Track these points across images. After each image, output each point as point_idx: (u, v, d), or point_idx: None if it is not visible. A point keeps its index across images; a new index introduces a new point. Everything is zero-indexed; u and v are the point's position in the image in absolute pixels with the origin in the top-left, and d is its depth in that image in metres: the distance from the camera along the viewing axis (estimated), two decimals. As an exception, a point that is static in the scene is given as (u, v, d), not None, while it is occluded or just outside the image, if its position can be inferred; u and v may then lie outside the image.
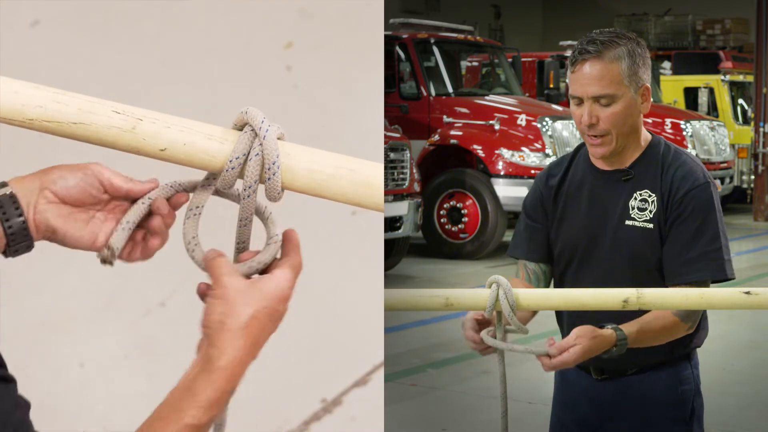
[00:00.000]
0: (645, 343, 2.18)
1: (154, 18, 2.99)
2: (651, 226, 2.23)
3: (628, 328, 2.13)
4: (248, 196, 1.38)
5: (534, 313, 2.33)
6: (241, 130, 1.38)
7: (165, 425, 1.26)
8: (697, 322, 2.24)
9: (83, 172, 1.36)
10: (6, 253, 1.33)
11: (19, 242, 1.32)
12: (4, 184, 1.34)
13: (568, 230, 2.34)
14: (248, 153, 1.36)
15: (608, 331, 2.10)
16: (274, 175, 1.35)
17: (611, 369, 2.35)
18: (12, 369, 1.24)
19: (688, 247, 2.20)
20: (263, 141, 1.35)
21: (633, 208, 2.25)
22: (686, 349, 2.33)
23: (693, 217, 2.20)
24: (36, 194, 1.34)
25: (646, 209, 2.24)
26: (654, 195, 2.24)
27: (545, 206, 2.38)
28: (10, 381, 1.20)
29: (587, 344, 2.06)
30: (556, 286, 2.39)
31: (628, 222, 2.25)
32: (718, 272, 2.20)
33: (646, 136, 2.31)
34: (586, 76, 2.19)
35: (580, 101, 2.22)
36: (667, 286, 2.21)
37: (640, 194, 2.25)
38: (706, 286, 2.22)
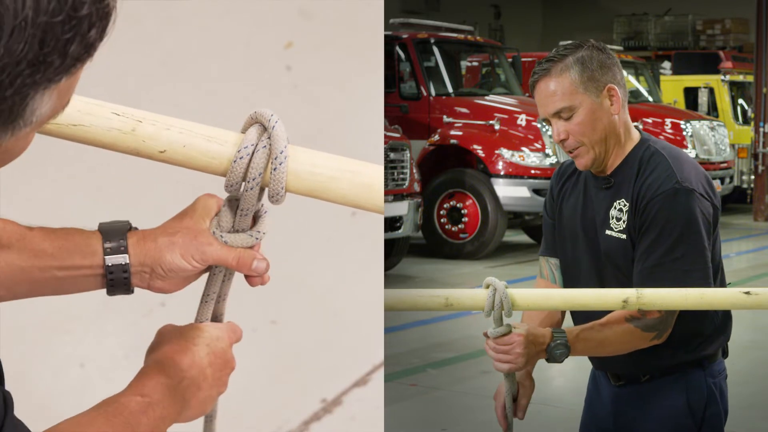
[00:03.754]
0: (595, 350, 2.16)
1: (154, 18, 3.00)
2: (624, 236, 2.20)
3: (571, 330, 2.13)
4: (251, 189, 1.37)
5: (563, 314, 2.35)
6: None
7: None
8: (665, 332, 2.15)
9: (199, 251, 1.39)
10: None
11: (117, 292, 1.42)
12: (126, 234, 1.38)
13: (566, 232, 2.35)
14: (256, 144, 1.35)
15: (548, 330, 2.11)
16: (280, 164, 1.35)
17: (626, 375, 2.34)
18: (12, 369, 1.24)
19: (644, 257, 2.15)
20: (272, 132, 1.35)
21: (612, 218, 2.23)
22: (693, 356, 2.28)
23: (653, 226, 2.15)
24: (156, 269, 1.40)
25: (621, 219, 2.21)
26: (628, 204, 2.21)
27: (554, 200, 2.40)
28: None
29: (525, 338, 2.06)
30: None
31: (607, 231, 2.23)
32: (672, 283, 2.07)
33: (633, 137, 2.26)
34: (542, 96, 2.21)
35: (549, 122, 2.23)
36: None
37: (618, 204, 2.22)
38: None
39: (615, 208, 2.22)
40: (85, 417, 1.29)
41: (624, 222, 2.20)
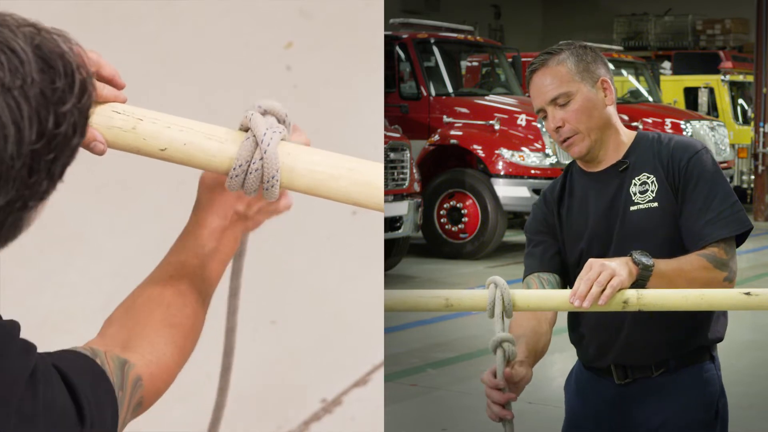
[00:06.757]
0: (673, 273, 2.09)
1: (153, 18, 2.99)
2: (655, 204, 2.24)
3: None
4: (249, 195, 1.39)
5: (555, 315, 2.33)
6: (246, 131, 1.39)
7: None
8: (734, 274, 2.19)
9: None
10: None
11: None
12: None
13: (578, 237, 2.32)
14: (250, 161, 1.36)
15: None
16: (272, 187, 1.37)
17: (637, 368, 2.32)
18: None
19: (705, 210, 2.20)
20: (264, 155, 1.36)
21: (635, 194, 2.26)
22: (705, 342, 2.30)
23: (702, 182, 2.22)
24: None
25: (647, 191, 2.25)
26: (652, 176, 2.25)
27: (549, 222, 2.36)
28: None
29: (603, 261, 1.99)
30: None
31: (632, 208, 2.25)
32: (739, 227, 2.22)
33: (629, 132, 2.34)
34: (538, 86, 2.28)
35: (545, 112, 2.28)
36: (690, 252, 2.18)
37: (639, 179, 2.26)
38: (731, 245, 2.20)
39: (635, 184, 2.26)
40: (156, 289, 1.31)
41: (653, 192, 2.25)
